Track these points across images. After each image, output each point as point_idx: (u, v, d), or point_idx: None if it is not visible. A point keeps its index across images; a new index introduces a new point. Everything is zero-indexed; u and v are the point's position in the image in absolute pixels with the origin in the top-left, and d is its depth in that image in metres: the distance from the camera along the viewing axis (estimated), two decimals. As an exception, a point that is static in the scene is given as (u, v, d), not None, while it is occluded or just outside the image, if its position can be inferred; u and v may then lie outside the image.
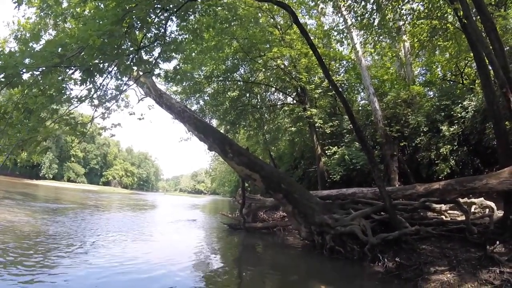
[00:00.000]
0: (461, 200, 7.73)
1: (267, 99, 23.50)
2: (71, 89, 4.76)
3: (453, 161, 12.86)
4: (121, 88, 6.35)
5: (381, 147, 15.44)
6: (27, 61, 3.57)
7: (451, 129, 13.06)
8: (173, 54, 6.46)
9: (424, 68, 21.47)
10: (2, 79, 3.42)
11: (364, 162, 14.62)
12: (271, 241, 11.11)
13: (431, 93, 17.94)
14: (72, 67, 4.15)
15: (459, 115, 13.04)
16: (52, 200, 22.63)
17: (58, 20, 10.08)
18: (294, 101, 20.88)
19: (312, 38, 15.70)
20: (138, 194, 71.81)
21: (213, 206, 36.83)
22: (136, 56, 5.05)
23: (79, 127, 6.03)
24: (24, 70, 3.54)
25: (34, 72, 3.81)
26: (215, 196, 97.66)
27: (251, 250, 10.19)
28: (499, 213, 7.44)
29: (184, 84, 18.48)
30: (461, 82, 17.32)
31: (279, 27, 18.37)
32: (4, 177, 50.30)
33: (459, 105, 13.29)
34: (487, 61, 6.53)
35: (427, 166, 13.98)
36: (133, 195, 56.28)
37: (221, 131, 18.13)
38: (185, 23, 8.08)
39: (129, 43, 5.10)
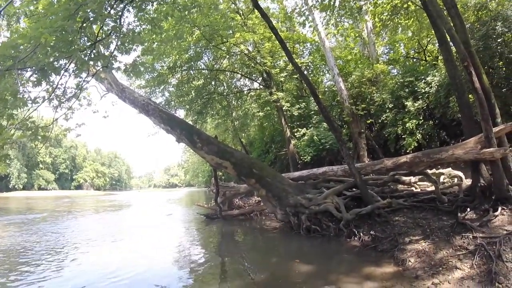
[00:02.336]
0: (429, 171, 8.00)
1: (233, 86, 23.28)
2: (29, 92, 4.49)
3: (419, 135, 13.27)
4: (81, 85, 6.07)
5: (349, 126, 15.76)
6: None
7: (416, 104, 13.45)
8: (131, 46, 6.21)
9: (387, 47, 21.90)
10: None
11: (333, 141, 14.86)
12: (249, 227, 11.16)
13: (395, 71, 18.44)
14: (26, 69, 3.90)
15: (423, 91, 13.44)
16: (25, 211, 21.55)
17: (11, 20, 9.48)
18: (261, 86, 20.81)
19: (274, 22, 15.65)
20: (112, 194, 70.10)
21: (189, 198, 36.51)
22: (94, 50, 4.81)
23: (41, 131, 5.71)
24: None
25: None
26: (190, 188, 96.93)
27: (230, 238, 10.20)
28: (467, 182, 7.74)
29: (147, 77, 18.02)
30: (424, 59, 17.88)
31: (240, 12, 18.12)
32: None
33: (423, 81, 13.68)
34: (448, 37, 6.69)
35: (395, 141, 14.38)
36: (107, 196, 54.76)
37: (189, 121, 17.81)
38: (142, 13, 7.75)
39: (85, 38, 4.83)
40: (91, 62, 5.05)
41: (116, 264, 6.83)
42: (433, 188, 7.58)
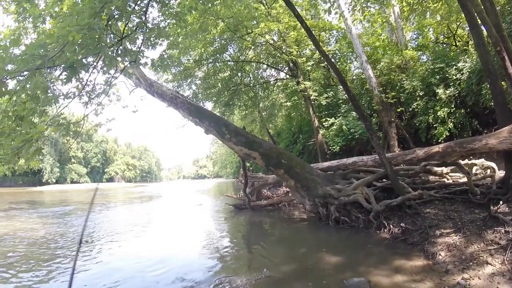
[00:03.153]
0: (461, 162, 7.72)
1: (259, 77, 23.22)
2: (60, 90, 4.69)
3: (451, 124, 12.84)
4: (110, 81, 6.25)
5: (378, 114, 15.38)
6: (9, 67, 3.47)
7: (447, 91, 12.98)
8: (157, 40, 6.32)
9: (415, 32, 21.12)
10: None
11: (362, 131, 14.59)
12: (277, 217, 11.19)
13: (425, 57, 17.76)
14: (55, 67, 4.05)
15: (454, 77, 12.94)
16: (58, 204, 22.57)
17: (37, 22, 9.83)
18: (287, 76, 20.67)
19: (299, 9, 15.39)
20: (142, 186, 72.44)
21: (217, 189, 37.08)
22: (120, 47, 4.93)
23: (72, 127, 5.94)
24: (8, 78, 3.44)
25: (19, 77, 3.71)
26: (219, 179, 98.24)
27: (258, 228, 10.29)
28: (500, 173, 7.38)
29: (174, 71, 18.25)
30: (454, 44, 17.15)
31: (264, 1, 17.94)
32: (7, 188, 50.47)
33: (454, 67, 13.16)
34: (478, 20, 6.37)
35: (426, 130, 13.95)
36: (138, 188, 56.69)
37: (216, 113, 17.99)
38: (166, 8, 7.85)
39: (111, 35, 4.97)
40: (119, 58, 5.17)
41: (146, 253, 7.17)
42: (465, 179, 7.30)
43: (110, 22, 4.43)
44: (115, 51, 4.80)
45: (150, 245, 7.93)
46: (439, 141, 12.24)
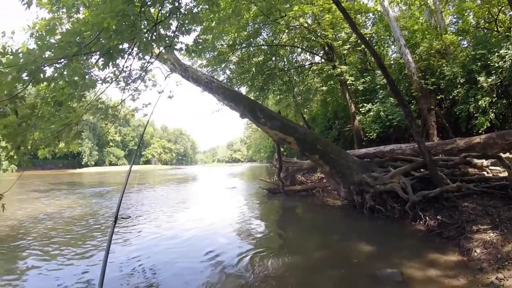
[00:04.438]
0: (502, 155, 7.33)
1: (294, 61, 22.95)
2: (97, 76, 4.87)
3: (492, 114, 12.26)
4: (145, 67, 6.43)
5: (417, 102, 14.81)
6: (47, 54, 3.65)
7: (489, 80, 12.35)
8: (191, 26, 6.39)
9: (455, 16, 19.94)
10: (26, 77, 3.55)
11: (400, 118, 14.16)
12: (311, 203, 11.19)
13: (465, 42, 16.79)
14: (92, 54, 4.22)
15: (496, 65, 12.25)
16: (97, 185, 23.86)
17: (71, 12, 10.17)
18: (322, 60, 20.26)
19: (333, -9, 14.96)
20: (178, 168, 74.76)
21: (251, 173, 37.50)
22: (154, 32, 5.05)
23: (110, 111, 6.22)
24: (46, 65, 3.64)
25: (56, 65, 3.90)
26: (252, 163, 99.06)
27: (291, 213, 10.38)
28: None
29: (208, 56, 18.41)
30: (496, 29, 16.09)
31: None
32: (49, 171, 53.59)
33: (496, 54, 12.44)
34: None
35: (466, 119, 13.40)
36: (173, 170, 58.66)
37: (251, 98, 18.06)
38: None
39: (145, 21, 5.09)
40: (154, 44, 5.29)
41: (181, 231, 7.54)
42: (505, 174, 6.95)
43: (143, 8, 4.53)
44: (149, 37, 4.92)
45: (185, 225, 8.28)
46: (480, 132, 11.74)
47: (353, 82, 16.86)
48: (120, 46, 4.42)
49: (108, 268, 4.88)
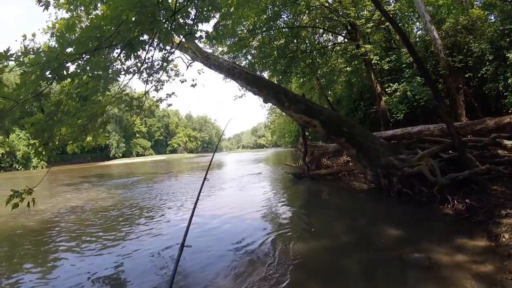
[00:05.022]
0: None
1: (316, 42, 22.49)
2: (120, 68, 4.97)
3: None
4: (166, 57, 6.50)
5: (445, 80, 14.17)
6: (68, 51, 3.73)
7: None
8: (210, 13, 6.39)
9: None
10: (49, 75, 3.67)
11: (428, 97, 13.71)
12: (337, 187, 11.16)
13: (492, 17, 15.82)
14: (113, 47, 4.29)
15: None
16: (126, 175, 24.68)
17: (89, 9, 10.33)
18: (345, 40, 19.75)
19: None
20: (204, 156, 76.18)
21: (276, 158, 37.55)
22: (174, 22, 5.08)
23: (135, 102, 6.37)
24: (68, 61, 3.73)
25: (79, 62, 4.00)
26: (277, 148, 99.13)
27: (317, 197, 10.42)
28: None
29: (228, 43, 18.33)
30: None
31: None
32: (77, 165, 55.41)
33: None
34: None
35: (495, 99, 12.86)
36: (199, 158, 59.86)
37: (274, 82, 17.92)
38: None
39: (163, 11, 5.12)
40: (174, 34, 5.33)
41: (209, 215, 7.81)
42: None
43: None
44: (169, 26, 4.95)
45: (212, 212, 8.43)
46: (510, 111, 11.12)
47: (378, 62, 16.39)
48: (141, 38, 4.48)
49: (138, 258, 5.18)
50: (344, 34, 19.68)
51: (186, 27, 5.44)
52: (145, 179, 19.77)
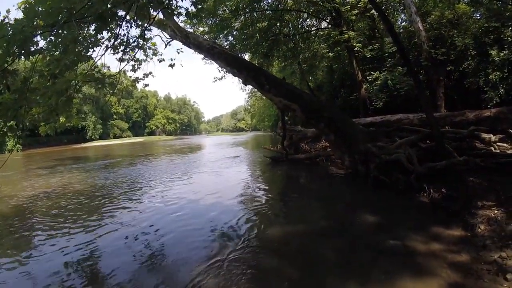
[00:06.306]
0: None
1: (299, 26, 22.17)
2: (89, 41, 4.63)
3: (502, 90, 11.89)
4: (144, 34, 6.19)
5: (426, 72, 14.19)
6: (36, 24, 3.42)
7: (501, 54, 11.87)
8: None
9: None
10: (16, 50, 3.35)
11: (408, 87, 13.85)
12: (314, 172, 11.21)
13: (478, 14, 16.00)
14: (86, 22, 3.98)
15: (510, 39, 11.78)
16: (103, 158, 24.25)
17: None
18: (329, 26, 19.55)
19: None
20: (182, 138, 75.63)
21: (255, 142, 37.59)
22: None
23: (107, 80, 6.03)
24: (36, 34, 3.42)
25: (50, 37, 3.69)
26: (256, 132, 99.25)
27: (295, 181, 10.45)
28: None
29: (210, 23, 17.81)
30: (510, 3, 15.28)
31: None
32: (53, 147, 53.52)
33: (510, 28, 12.01)
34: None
35: (475, 93, 13.02)
36: (177, 140, 59.36)
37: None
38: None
39: None
40: (151, 9, 5.03)
41: (185, 200, 7.71)
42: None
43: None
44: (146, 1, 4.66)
45: (189, 194, 8.40)
46: (488, 106, 11.41)
47: (361, 49, 16.35)
48: (115, 9, 4.18)
49: (114, 237, 5.09)
50: (328, 20, 19.47)
51: (164, 2, 5.17)
52: (122, 161, 19.38)
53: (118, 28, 5.14)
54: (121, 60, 6.39)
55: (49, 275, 3.97)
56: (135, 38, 6.32)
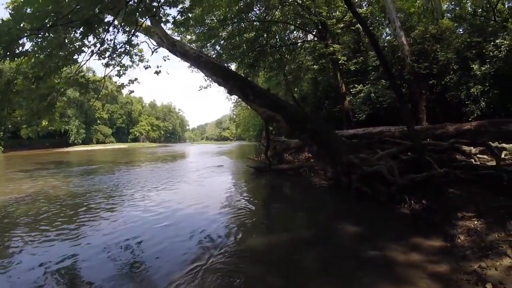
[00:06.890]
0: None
1: (286, 38, 22.49)
2: (75, 46, 4.56)
3: (483, 103, 12.27)
4: (130, 40, 6.14)
5: (409, 85, 14.54)
6: (23, 26, 3.36)
7: (483, 68, 12.28)
8: (178, -3, 6.07)
9: (453, 2, 19.58)
10: (1, 52, 3.27)
11: (391, 100, 14.11)
12: (297, 182, 11.19)
13: (461, 30, 16.56)
14: (72, 26, 3.91)
15: (491, 54, 12.18)
16: (85, 163, 23.75)
17: None
18: (315, 38, 19.89)
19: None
20: (166, 146, 74.71)
21: (239, 151, 37.47)
22: (140, 2, 4.76)
23: (91, 85, 5.95)
24: (23, 38, 3.35)
25: (36, 40, 3.62)
26: (241, 141, 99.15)
27: (278, 191, 10.39)
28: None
29: (197, 31, 17.88)
30: (493, 19, 15.90)
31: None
32: (35, 150, 52.23)
33: (491, 43, 12.41)
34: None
35: (457, 106, 13.36)
36: (161, 148, 58.67)
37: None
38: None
39: None
40: (138, 16, 4.99)
41: (167, 209, 7.53)
42: (493, 163, 6.96)
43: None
44: (133, 6, 4.63)
45: (172, 203, 8.23)
46: (469, 119, 11.72)
47: (345, 62, 16.69)
48: (101, 15, 4.13)
49: (94, 247, 4.91)
50: (314, 33, 19.83)
51: (152, 8, 5.13)
52: (104, 168, 18.98)
53: (105, 33, 5.09)
54: (106, 65, 6.32)
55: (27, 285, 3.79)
56: (121, 44, 6.27)
